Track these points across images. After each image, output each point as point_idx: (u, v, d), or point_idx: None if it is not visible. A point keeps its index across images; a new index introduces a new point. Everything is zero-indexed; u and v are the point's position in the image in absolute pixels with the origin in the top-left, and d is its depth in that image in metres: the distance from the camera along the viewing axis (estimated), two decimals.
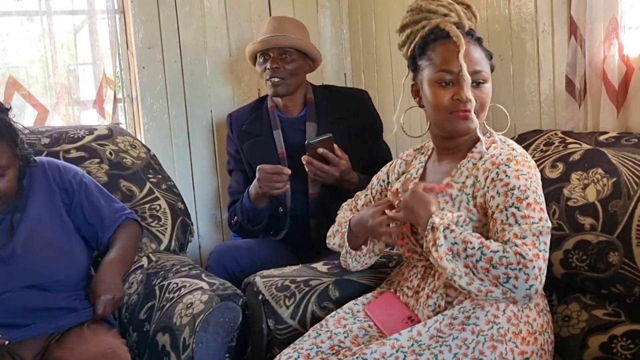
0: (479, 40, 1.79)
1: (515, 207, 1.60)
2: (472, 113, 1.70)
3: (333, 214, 2.17)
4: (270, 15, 3.04)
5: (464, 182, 1.74)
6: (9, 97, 2.63)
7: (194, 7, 2.97)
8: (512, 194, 1.62)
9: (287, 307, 1.98)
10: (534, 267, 1.53)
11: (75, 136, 2.48)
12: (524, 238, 1.57)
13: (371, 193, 2.07)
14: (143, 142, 2.72)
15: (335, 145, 2.40)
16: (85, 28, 2.85)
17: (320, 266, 2.13)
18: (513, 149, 1.73)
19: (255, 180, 2.46)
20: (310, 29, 2.77)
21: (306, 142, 2.42)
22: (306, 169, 2.43)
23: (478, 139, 1.76)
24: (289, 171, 2.42)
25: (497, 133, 1.82)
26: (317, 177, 2.44)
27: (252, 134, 2.66)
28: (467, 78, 1.69)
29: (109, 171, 2.43)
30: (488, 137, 1.79)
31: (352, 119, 2.60)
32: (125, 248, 2.11)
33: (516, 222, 1.59)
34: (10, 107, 1.95)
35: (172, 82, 2.96)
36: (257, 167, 2.45)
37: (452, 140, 1.80)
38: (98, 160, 2.44)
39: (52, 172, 2.06)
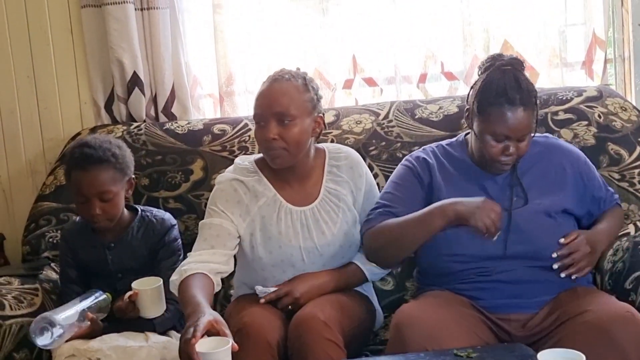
0: None
1: None
2: None
3: None
4: None
5: None
6: None
7: None
8: None
9: None
10: None
11: (564, 98, 2.47)
12: None
13: None
14: (634, 104, 2.58)
15: None
16: None
17: None
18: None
19: None
20: None
21: None
22: None
23: None
24: None
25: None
26: None
27: None
28: None
29: (597, 134, 2.39)
30: None
31: None
32: (613, 226, 2.08)
33: None
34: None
35: None
36: None
37: None
38: (586, 122, 2.41)
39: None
